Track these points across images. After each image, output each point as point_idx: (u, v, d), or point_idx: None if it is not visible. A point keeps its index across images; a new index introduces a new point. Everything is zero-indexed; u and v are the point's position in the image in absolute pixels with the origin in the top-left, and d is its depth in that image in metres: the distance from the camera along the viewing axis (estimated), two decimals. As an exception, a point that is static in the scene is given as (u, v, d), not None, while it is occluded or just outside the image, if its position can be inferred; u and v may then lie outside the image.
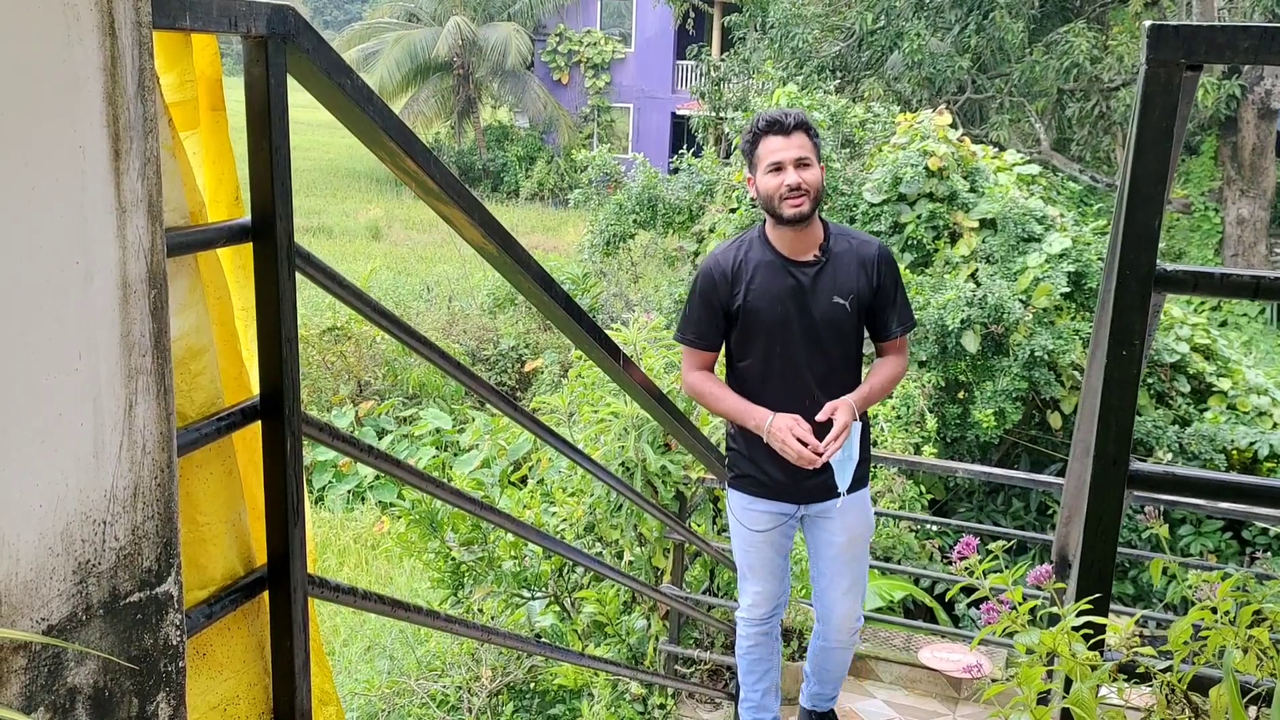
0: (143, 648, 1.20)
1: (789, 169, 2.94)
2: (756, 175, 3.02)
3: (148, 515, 1.19)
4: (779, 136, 2.96)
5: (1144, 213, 1.22)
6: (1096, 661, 1.15)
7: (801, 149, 2.95)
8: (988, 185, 9.01)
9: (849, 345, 3.08)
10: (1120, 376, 1.25)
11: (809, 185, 2.94)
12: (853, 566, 3.26)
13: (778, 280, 3.03)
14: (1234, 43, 1.14)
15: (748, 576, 3.37)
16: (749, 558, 3.33)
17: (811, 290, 3.02)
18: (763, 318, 3.04)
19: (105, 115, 1.09)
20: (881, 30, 16.80)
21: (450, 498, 1.99)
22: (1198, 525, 8.31)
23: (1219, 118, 17.40)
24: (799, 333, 3.02)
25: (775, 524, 3.25)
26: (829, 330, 3.02)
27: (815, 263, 3.04)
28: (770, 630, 3.47)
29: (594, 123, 32.10)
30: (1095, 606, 1.23)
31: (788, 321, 3.02)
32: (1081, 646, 1.16)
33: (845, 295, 3.02)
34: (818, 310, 3.01)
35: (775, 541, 3.29)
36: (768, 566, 3.33)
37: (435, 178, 1.69)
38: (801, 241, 3.03)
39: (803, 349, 3.03)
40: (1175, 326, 9.02)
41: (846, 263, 3.04)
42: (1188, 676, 1.20)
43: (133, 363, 1.14)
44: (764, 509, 3.23)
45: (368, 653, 6.87)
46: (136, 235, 1.13)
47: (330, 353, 13.35)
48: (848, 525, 3.19)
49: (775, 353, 3.05)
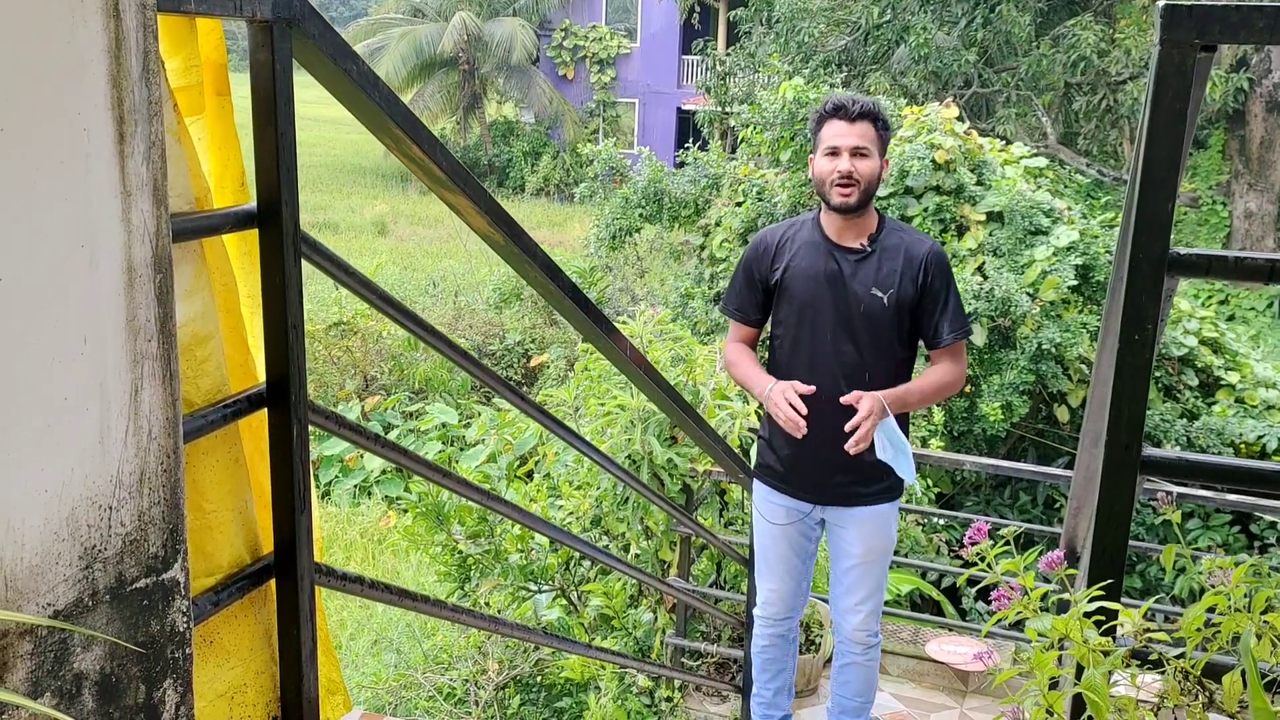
0: (149, 634, 1.20)
1: (844, 155, 2.91)
2: (816, 157, 3.01)
3: (154, 501, 1.18)
4: (843, 122, 2.94)
5: (1157, 196, 1.21)
6: (1109, 647, 1.14)
7: (862, 138, 2.92)
8: (995, 178, 8.98)
9: (883, 340, 3.00)
10: (1133, 361, 1.24)
11: (861, 176, 2.91)
12: (867, 580, 3.19)
13: (819, 262, 3.01)
14: (1249, 22, 1.13)
15: (763, 572, 3.34)
16: (766, 552, 3.30)
17: (851, 278, 2.98)
18: (797, 296, 3.02)
19: (110, 98, 1.08)
20: (888, 24, 16.76)
21: (456, 486, 1.99)
22: (1206, 520, 8.28)
23: (1227, 111, 17.34)
24: (831, 317, 2.99)
25: (791, 520, 3.21)
26: (863, 321, 2.97)
27: (861, 251, 3.00)
28: (786, 633, 3.42)
29: (599, 118, 32.07)
30: (1107, 593, 1.22)
31: (821, 304, 2.99)
32: (1094, 632, 1.15)
33: (885, 289, 2.96)
34: (853, 299, 2.97)
35: (793, 540, 3.24)
36: (784, 565, 3.28)
37: (441, 165, 1.68)
38: (851, 229, 3.01)
39: (832, 335, 2.99)
40: (1183, 320, 8.99)
41: (893, 257, 2.99)
42: (1201, 663, 1.19)
43: (138, 348, 1.14)
44: (781, 502, 3.21)
45: (375, 646, 6.87)
46: (141, 219, 1.13)
47: (336, 347, 13.36)
48: (865, 537, 3.13)
49: (804, 335, 3.02)
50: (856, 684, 3.37)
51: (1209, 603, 1.17)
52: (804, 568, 3.33)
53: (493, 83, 32.11)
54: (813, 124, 3.07)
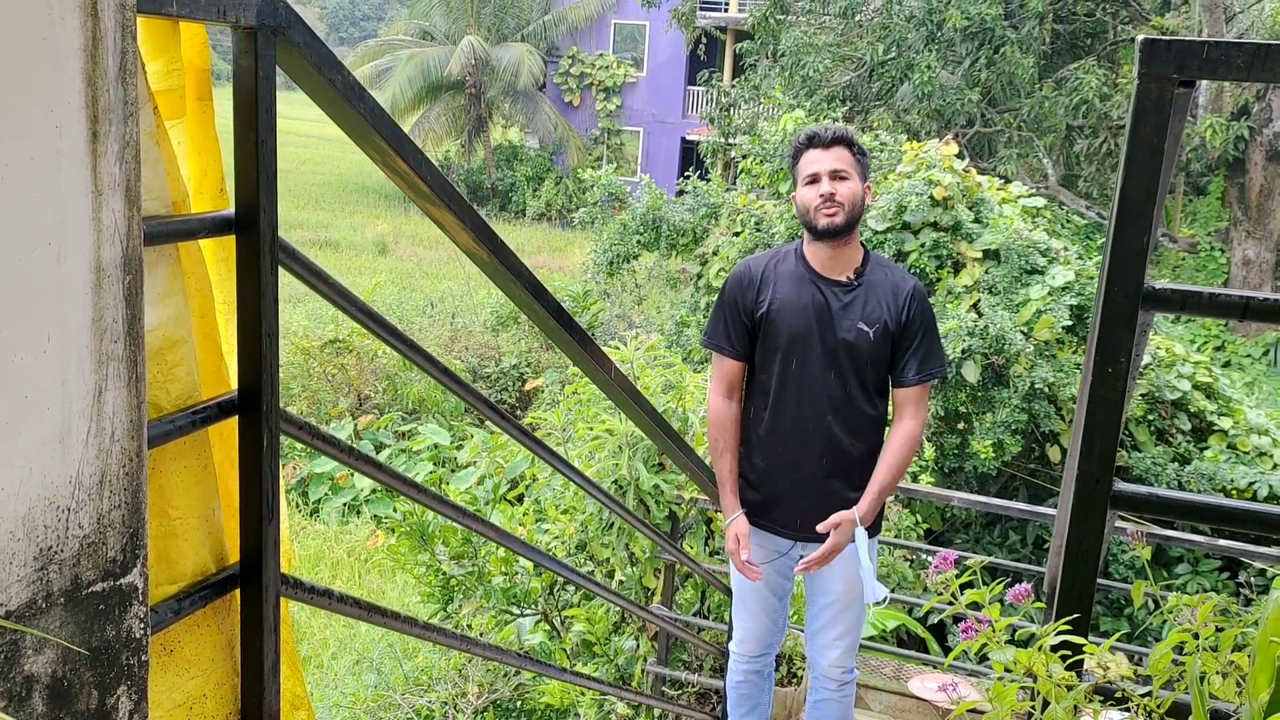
0: (104, 639, 1.18)
1: (824, 180, 2.90)
2: (798, 190, 2.99)
3: (114, 504, 1.17)
4: (818, 150, 2.94)
5: (1133, 229, 1.20)
6: (1073, 682, 1.13)
7: (839, 161, 2.92)
8: (992, 216, 9.01)
9: (868, 376, 2.98)
10: (1105, 395, 1.23)
11: (843, 197, 2.89)
12: (845, 616, 3.17)
13: (805, 293, 2.97)
14: (1227, 59, 1.13)
15: (740, 609, 3.31)
16: (744, 590, 3.27)
17: (839, 311, 2.95)
18: (784, 329, 2.97)
19: (84, 97, 1.08)
20: (892, 61, 16.88)
21: (434, 504, 1.97)
22: (1195, 564, 8.26)
23: (1227, 158, 17.43)
24: (819, 351, 2.95)
25: (769, 559, 3.18)
26: (850, 355, 2.95)
27: (848, 285, 2.98)
28: (762, 669, 3.40)
29: (604, 145, 32.22)
30: (1075, 627, 1.21)
31: (809, 337, 2.95)
32: (1059, 667, 1.14)
33: (872, 324, 2.94)
34: (841, 332, 2.94)
35: (770, 578, 3.21)
36: (760, 603, 3.25)
37: (426, 179, 1.68)
38: (837, 260, 2.98)
39: (820, 369, 2.96)
40: (1178, 364, 8.99)
41: (880, 292, 2.97)
42: (1167, 702, 1.18)
43: (104, 348, 1.13)
44: (759, 540, 3.16)
45: (356, 665, 6.82)
46: (112, 219, 1.12)
47: (331, 365, 13.34)
48: (845, 574, 3.08)
49: (791, 369, 2.98)
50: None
51: (1175, 640, 1.16)
52: (780, 605, 3.31)
53: (498, 107, 32.28)
54: (790, 160, 3.06)
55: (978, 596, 1.23)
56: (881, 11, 17.15)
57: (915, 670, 4.87)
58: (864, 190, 2.98)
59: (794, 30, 17.76)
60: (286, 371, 13.24)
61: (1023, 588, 1.24)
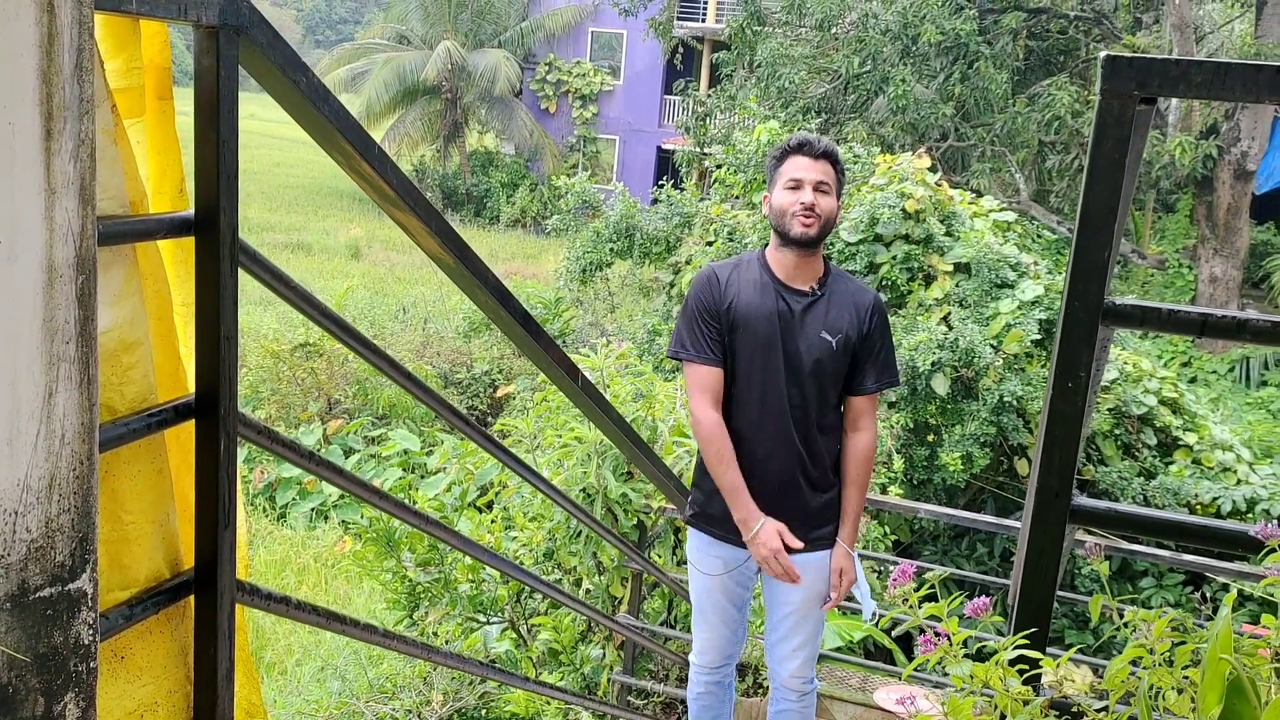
0: (52, 645, 1.16)
1: (806, 188, 2.91)
2: (774, 191, 2.98)
3: (63, 509, 1.15)
4: (805, 157, 2.94)
5: (1095, 244, 1.21)
6: (1029, 696, 1.13)
7: (824, 175, 2.93)
8: (964, 230, 9.07)
9: (829, 384, 2.98)
10: (1065, 409, 1.24)
11: (822, 210, 2.91)
12: (804, 625, 3.16)
13: (768, 300, 2.96)
14: (1188, 76, 1.14)
15: (699, 621, 3.29)
16: (701, 601, 3.25)
17: (800, 320, 2.95)
18: (747, 335, 2.95)
19: (39, 93, 1.06)
20: (867, 74, 16.97)
21: (396, 511, 1.96)
22: (1159, 579, 8.32)
23: (1195, 176, 17.61)
24: (781, 359, 2.94)
25: (728, 569, 3.15)
26: (812, 364, 2.94)
27: (809, 294, 2.98)
28: (722, 679, 3.38)
29: (579, 153, 32.22)
30: (1032, 642, 1.21)
31: (771, 345, 2.94)
32: (1015, 681, 1.14)
33: (834, 334, 2.95)
34: (804, 341, 2.94)
35: (729, 589, 3.19)
36: (720, 614, 3.24)
37: (391, 182, 1.67)
38: (801, 269, 2.98)
39: (782, 377, 2.95)
40: (1145, 379, 9.07)
41: (841, 303, 2.98)
42: (1123, 717, 1.18)
43: (55, 350, 1.11)
44: (719, 553, 3.13)
45: (320, 672, 6.76)
46: (66, 219, 1.10)
47: (301, 369, 13.25)
48: (805, 584, 3.07)
49: (756, 375, 2.96)
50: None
51: (1131, 655, 1.16)
52: (739, 615, 3.29)
53: (474, 113, 32.22)
54: (772, 160, 3.04)
55: (936, 610, 1.23)
56: (857, 25, 17.23)
57: (881, 681, 4.87)
58: (838, 207, 3.00)
59: (770, 41, 17.82)
60: (256, 375, 13.14)
61: (981, 601, 1.24)
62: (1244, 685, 0.90)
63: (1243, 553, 1.20)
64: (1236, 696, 0.90)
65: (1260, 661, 1.06)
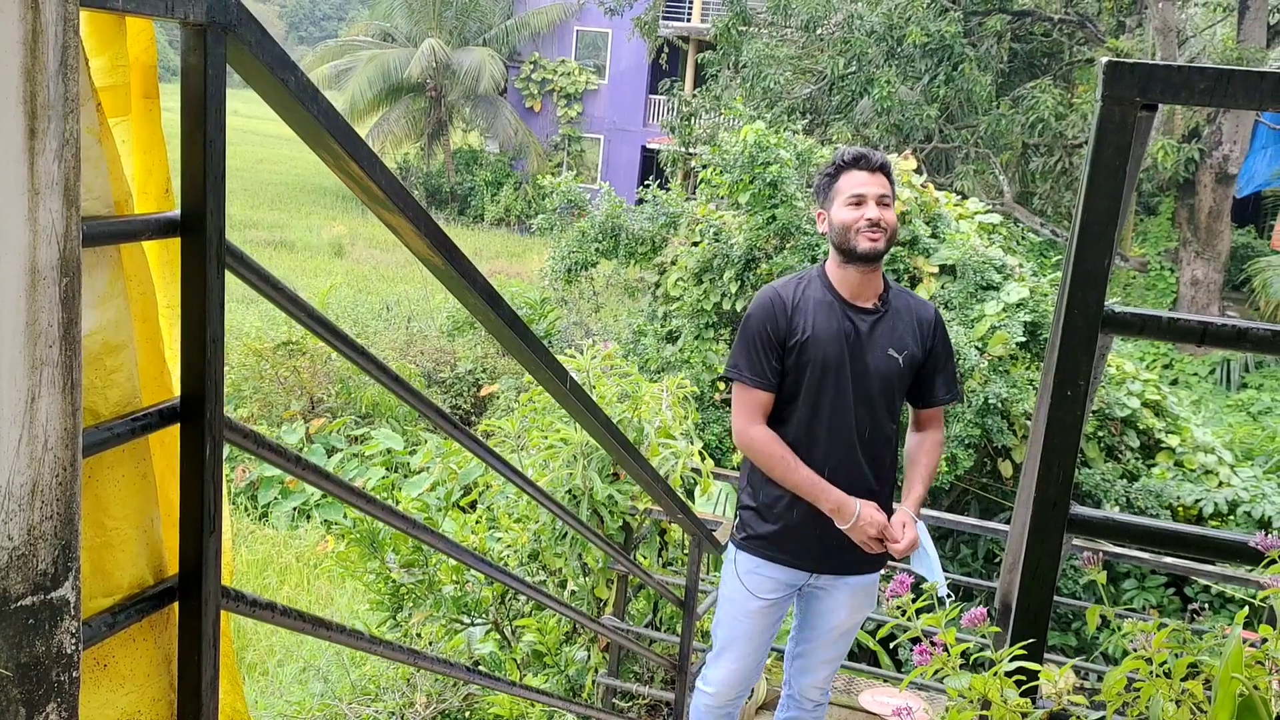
0: (33, 655, 1.14)
1: (870, 204, 2.86)
2: (832, 208, 2.93)
3: (46, 515, 1.13)
4: (864, 172, 2.90)
5: (1093, 252, 1.20)
6: (1027, 709, 1.12)
7: (884, 188, 2.89)
8: (949, 232, 9.08)
9: (894, 402, 2.97)
10: (1064, 418, 1.23)
11: (888, 224, 2.87)
12: (839, 644, 3.17)
13: (835, 321, 2.91)
14: (1190, 83, 1.13)
15: (728, 649, 3.17)
16: (737, 628, 3.14)
17: (868, 338, 2.92)
18: (817, 358, 2.89)
19: (22, 91, 1.04)
20: (853, 75, 17.00)
21: (380, 514, 1.93)
22: (1141, 580, 8.36)
23: (1178, 179, 17.72)
24: (850, 379, 2.90)
25: (780, 592, 3.08)
26: (880, 382, 2.92)
27: (874, 311, 2.95)
28: (732, 712, 3.31)
29: (564, 152, 32.18)
30: (1030, 652, 1.20)
31: (841, 367, 2.89)
32: (1013, 692, 1.13)
33: (900, 350, 2.93)
34: (871, 359, 2.91)
35: (769, 615, 3.11)
36: (752, 643, 3.14)
37: (380, 183, 1.64)
38: (864, 286, 2.94)
39: (851, 397, 2.91)
40: (1127, 382, 9.11)
41: (905, 318, 2.96)
42: (1120, 728, 1.17)
43: (38, 353, 1.09)
44: (773, 574, 3.06)
45: (303, 674, 6.72)
46: (49, 219, 1.08)
47: (284, 367, 13.18)
48: (854, 605, 3.06)
49: (825, 399, 2.91)
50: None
51: (1130, 666, 1.15)
52: (766, 648, 3.22)
53: (459, 111, 32.14)
54: (826, 176, 2.99)
55: (933, 621, 1.22)
56: (843, 26, 17.27)
57: (866, 683, 4.87)
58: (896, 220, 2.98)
59: (756, 42, 17.84)
60: (238, 373, 13.06)
61: (978, 612, 1.23)
62: (1255, 704, 0.89)
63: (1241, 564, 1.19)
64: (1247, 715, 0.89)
65: (1260, 673, 1.06)
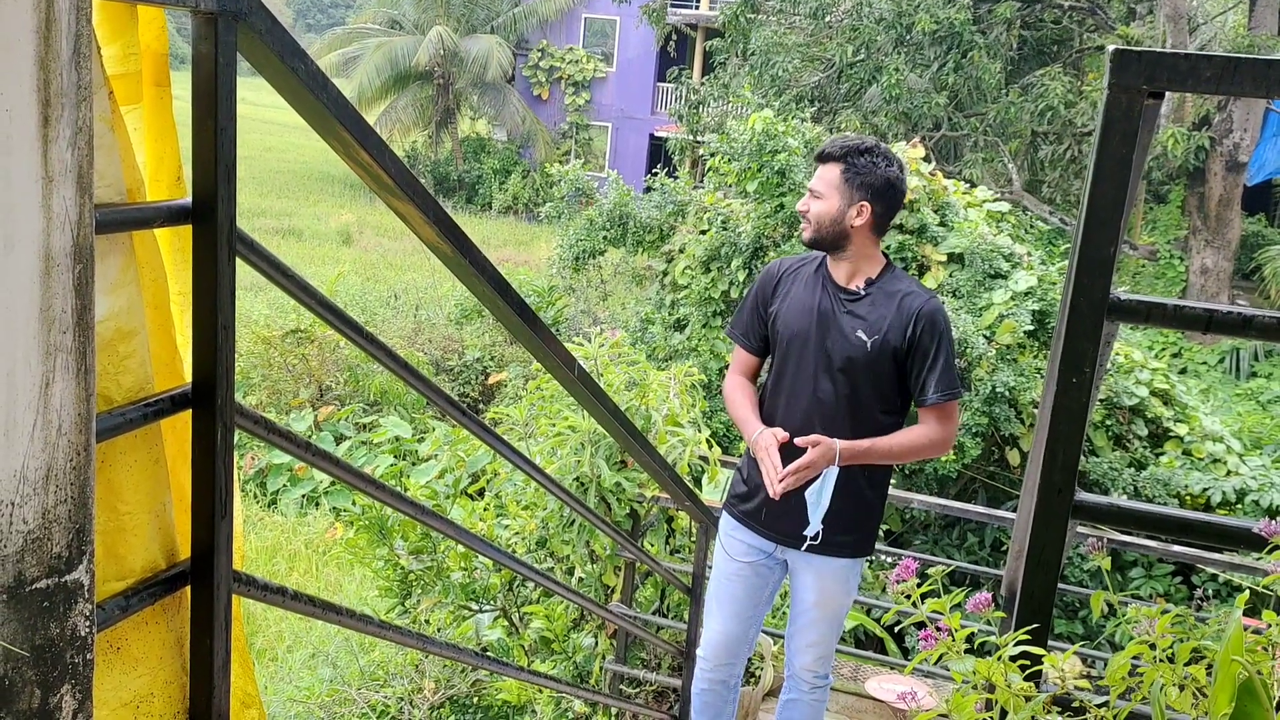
0: (48, 637, 1.15)
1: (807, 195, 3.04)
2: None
3: (60, 499, 1.14)
4: (818, 164, 3.06)
5: (1100, 239, 1.20)
6: (1031, 693, 1.13)
7: (818, 179, 3.01)
8: (957, 220, 9.06)
9: (861, 385, 2.96)
10: (1069, 405, 1.23)
11: (811, 216, 3.00)
12: (819, 627, 3.17)
13: (811, 297, 3.04)
14: (1197, 71, 1.13)
15: (711, 611, 3.27)
16: (718, 590, 3.24)
17: (839, 317, 2.99)
18: (786, 328, 3.06)
19: (36, 80, 1.05)
20: (861, 63, 16.94)
21: (390, 500, 1.95)
22: (1149, 569, 8.36)
23: (1187, 168, 17.65)
24: (813, 354, 3.00)
25: (750, 557, 3.16)
26: (843, 362, 2.95)
27: (854, 294, 3.01)
28: (728, 679, 3.33)
29: (572, 139, 32.14)
30: (1034, 637, 1.21)
31: (806, 340, 3.01)
32: (1017, 677, 1.14)
33: (870, 334, 2.94)
34: (837, 338, 2.97)
35: (748, 580, 3.18)
36: (733, 605, 3.21)
37: (389, 171, 1.65)
38: (845, 270, 3.04)
39: (813, 373, 2.99)
40: (1136, 370, 9.10)
41: (884, 305, 2.97)
42: (1123, 713, 1.18)
43: (52, 339, 1.10)
44: (743, 538, 3.17)
45: (311, 659, 6.76)
46: (63, 207, 1.09)
47: (292, 355, 13.21)
48: (821, 588, 3.10)
49: (789, 367, 3.05)
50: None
51: (1133, 651, 1.16)
52: (753, 614, 3.25)
53: (467, 99, 32.11)
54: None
55: (938, 606, 1.23)
56: (851, 13, 17.20)
57: (873, 671, 4.89)
58: (852, 208, 2.95)
59: (764, 29, 17.79)
60: (247, 361, 13.10)
61: (982, 596, 1.24)
62: (1255, 687, 0.90)
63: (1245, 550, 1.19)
64: (1247, 698, 0.90)
65: (1262, 658, 1.06)
